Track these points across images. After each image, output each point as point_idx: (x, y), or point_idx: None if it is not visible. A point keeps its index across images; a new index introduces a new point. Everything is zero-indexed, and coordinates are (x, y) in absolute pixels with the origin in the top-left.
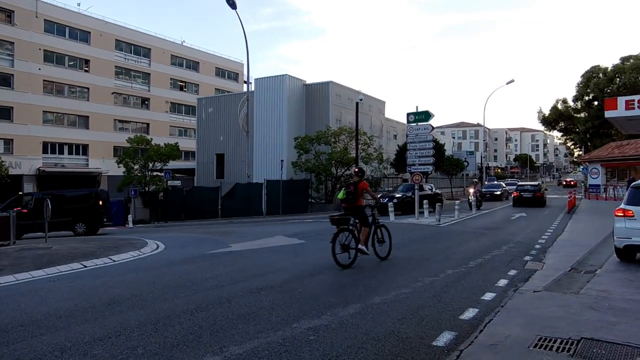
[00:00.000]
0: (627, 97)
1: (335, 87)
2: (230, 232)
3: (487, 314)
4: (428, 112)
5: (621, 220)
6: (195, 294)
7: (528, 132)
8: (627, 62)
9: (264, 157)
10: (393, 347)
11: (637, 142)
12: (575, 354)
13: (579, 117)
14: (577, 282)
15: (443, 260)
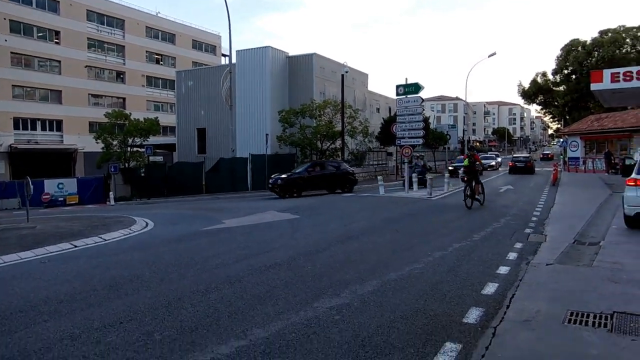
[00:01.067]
0: (612, 70)
1: (319, 59)
2: (219, 208)
3: (507, 289)
4: (418, 84)
5: (632, 189)
6: (202, 273)
7: (506, 105)
8: (605, 35)
9: (248, 131)
10: (424, 326)
11: (616, 115)
12: (613, 329)
13: (558, 91)
14: (585, 255)
15: (446, 234)
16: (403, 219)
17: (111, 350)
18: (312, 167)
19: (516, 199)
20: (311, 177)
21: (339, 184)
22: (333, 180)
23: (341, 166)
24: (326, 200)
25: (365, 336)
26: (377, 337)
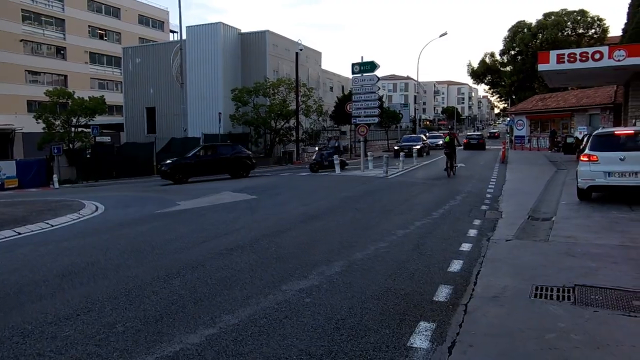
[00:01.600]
0: (558, 51)
1: (272, 36)
2: (174, 189)
3: (472, 265)
4: (374, 62)
5: (586, 165)
6: (161, 258)
7: (455, 85)
8: (549, 18)
9: (200, 110)
10: (396, 305)
11: (558, 95)
12: (576, 302)
13: (505, 71)
14: (540, 230)
15: (407, 212)
16: (362, 197)
17: (69, 345)
18: (202, 151)
19: (469, 176)
20: (200, 162)
21: (232, 169)
22: (226, 165)
23: (236, 150)
24: (283, 179)
25: (339, 318)
26: (351, 319)
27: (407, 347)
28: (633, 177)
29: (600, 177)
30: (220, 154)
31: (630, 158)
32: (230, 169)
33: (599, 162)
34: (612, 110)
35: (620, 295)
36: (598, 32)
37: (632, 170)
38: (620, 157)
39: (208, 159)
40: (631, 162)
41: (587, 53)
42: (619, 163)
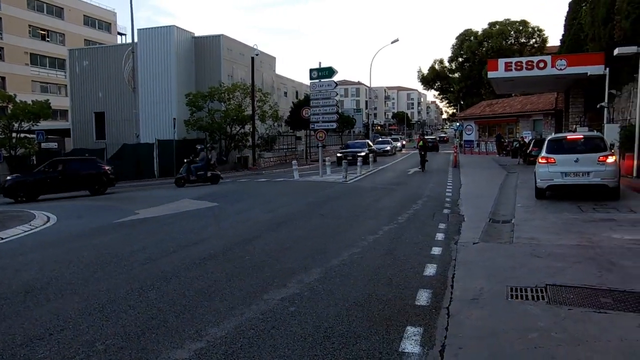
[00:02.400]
0: (506, 60)
1: (226, 40)
2: (126, 197)
3: (446, 269)
4: (331, 68)
5: (544, 166)
6: (131, 270)
7: (405, 90)
8: (494, 27)
9: (153, 116)
10: (381, 311)
11: (505, 101)
12: (551, 301)
13: (453, 77)
14: (503, 232)
15: (373, 217)
16: (326, 203)
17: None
18: (51, 167)
19: (426, 181)
20: (49, 177)
21: (87, 184)
22: (81, 181)
23: (92, 164)
24: (242, 185)
25: (327, 327)
26: (339, 327)
27: (399, 353)
28: (585, 177)
29: (558, 177)
30: (72, 169)
31: (583, 159)
32: (87, 185)
33: (556, 163)
34: (553, 115)
35: (588, 292)
36: (538, 42)
37: (585, 170)
38: (575, 159)
39: (58, 175)
40: (584, 163)
41: (533, 62)
42: (573, 164)
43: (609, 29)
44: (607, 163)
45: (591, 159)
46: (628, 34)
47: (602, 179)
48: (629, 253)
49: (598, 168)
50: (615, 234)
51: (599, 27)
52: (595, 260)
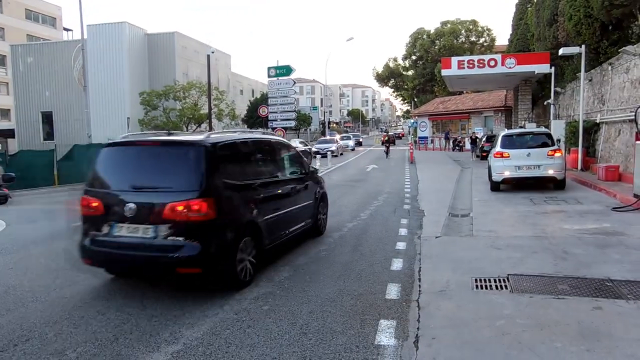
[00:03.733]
0: (459, 58)
1: (181, 38)
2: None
3: (412, 263)
4: (289, 66)
5: (499, 160)
6: (96, 275)
7: (359, 88)
8: (445, 26)
9: (106, 115)
10: (354, 306)
11: (457, 98)
12: (513, 290)
13: (407, 75)
14: (463, 226)
15: (336, 214)
16: None
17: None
18: None
19: (384, 177)
20: None
21: None
22: None
23: None
24: None
25: (302, 323)
26: (314, 323)
27: (375, 346)
28: (536, 170)
29: (512, 170)
30: None
31: (534, 154)
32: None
33: (510, 158)
34: (503, 112)
35: (547, 280)
36: (488, 41)
37: (536, 164)
38: (527, 153)
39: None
40: (535, 157)
41: (484, 60)
42: (526, 158)
43: (553, 29)
44: (555, 157)
45: (541, 153)
46: (571, 35)
47: (551, 172)
48: (580, 242)
49: (547, 162)
50: (566, 225)
51: (544, 28)
52: (550, 250)
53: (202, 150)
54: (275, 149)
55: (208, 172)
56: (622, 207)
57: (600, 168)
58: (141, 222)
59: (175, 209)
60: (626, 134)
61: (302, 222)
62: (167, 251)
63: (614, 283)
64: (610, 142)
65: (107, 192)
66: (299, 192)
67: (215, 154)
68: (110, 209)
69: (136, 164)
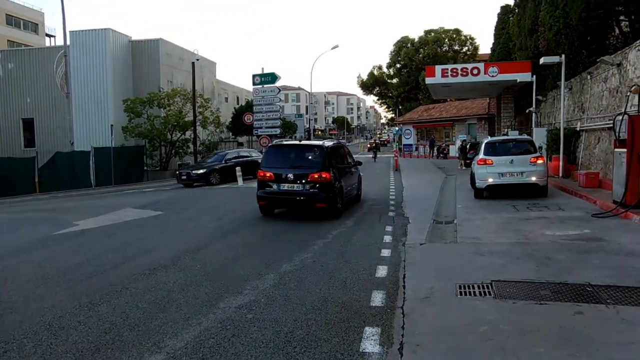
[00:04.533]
0: (442, 66)
1: (165, 45)
2: (63, 208)
3: (397, 270)
4: (274, 74)
5: (483, 167)
6: (76, 285)
7: (344, 95)
8: (429, 35)
9: (89, 122)
10: (338, 314)
11: (441, 106)
12: (497, 296)
13: (392, 83)
14: (447, 232)
15: (322, 222)
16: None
17: None
18: None
19: (369, 185)
20: None
21: None
22: None
23: None
24: (184, 193)
25: (287, 332)
26: (299, 331)
27: (360, 353)
28: (519, 176)
29: (496, 177)
30: None
31: (517, 160)
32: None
33: (494, 165)
34: (486, 120)
35: (529, 286)
36: (471, 50)
37: (519, 171)
38: (510, 160)
39: None
40: (518, 164)
41: (467, 68)
42: (509, 165)
43: (534, 39)
44: (538, 164)
45: (524, 160)
46: (551, 45)
47: (534, 179)
48: (561, 248)
49: (530, 168)
50: (548, 231)
51: (526, 38)
52: (533, 256)
53: (324, 149)
54: (345, 150)
55: (326, 160)
56: (602, 214)
57: (580, 175)
58: (296, 182)
59: (314, 176)
60: (605, 142)
61: (354, 190)
62: (310, 195)
63: (594, 288)
64: (590, 150)
65: (277, 168)
66: (353, 174)
67: (328, 151)
68: (278, 177)
69: (292, 155)
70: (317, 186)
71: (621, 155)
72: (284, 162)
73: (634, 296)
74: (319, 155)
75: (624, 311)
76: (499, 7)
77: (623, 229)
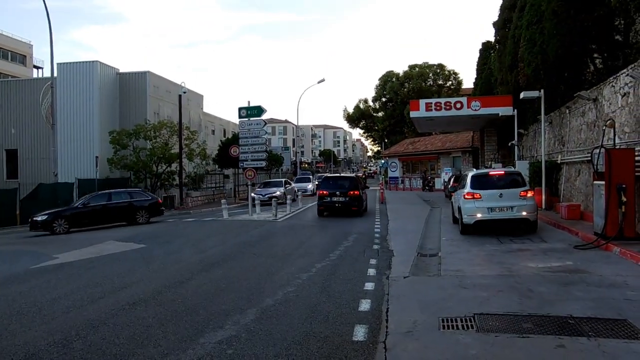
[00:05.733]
0: (426, 100)
1: (153, 77)
2: (44, 240)
3: (380, 303)
4: (260, 107)
5: (470, 202)
6: (52, 320)
7: (331, 129)
8: (414, 69)
9: (74, 154)
10: (320, 349)
11: (426, 139)
12: (479, 329)
13: (377, 116)
14: (431, 265)
15: (305, 255)
16: (258, 242)
17: None
18: None
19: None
20: None
21: None
22: None
23: None
24: (169, 226)
25: None
26: None
27: None
28: (509, 211)
29: (485, 212)
30: None
31: (507, 194)
32: None
33: (482, 199)
34: (470, 153)
35: (512, 319)
36: (454, 84)
37: (509, 205)
38: (499, 194)
39: None
40: (507, 198)
41: (451, 102)
42: (498, 199)
43: (514, 74)
44: (528, 197)
45: (513, 194)
46: (531, 80)
47: (524, 213)
48: (544, 280)
49: (520, 203)
50: (531, 263)
51: (506, 73)
52: (516, 288)
53: (354, 178)
54: (360, 178)
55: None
56: (584, 245)
57: (562, 207)
58: (341, 196)
59: (351, 192)
60: (585, 174)
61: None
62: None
63: (576, 320)
64: (571, 182)
65: (326, 189)
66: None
67: (359, 180)
68: (330, 193)
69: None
70: (353, 198)
71: (600, 188)
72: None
73: (615, 328)
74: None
75: (604, 344)
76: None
77: (604, 261)
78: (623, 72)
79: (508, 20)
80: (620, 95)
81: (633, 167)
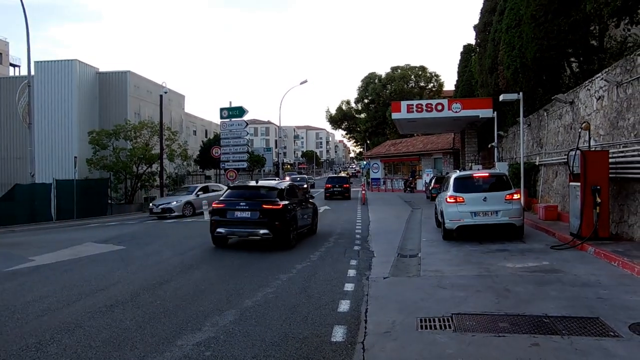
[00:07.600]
0: (408, 102)
1: (133, 77)
2: (18, 242)
3: (359, 304)
4: (242, 107)
5: (453, 206)
6: (26, 324)
7: (314, 130)
8: (396, 71)
9: (51, 154)
10: (298, 350)
11: (408, 141)
12: (456, 329)
13: (360, 118)
14: (411, 266)
15: (286, 256)
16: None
17: None
18: None
19: (336, 218)
20: None
21: None
22: None
23: None
24: (149, 227)
25: None
26: None
27: None
28: (494, 216)
29: (468, 217)
30: None
31: (491, 198)
32: None
33: (465, 203)
34: (451, 154)
35: (488, 319)
36: (436, 86)
37: (493, 209)
38: (483, 197)
39: None
40: (492, 202)
41: (432, 104)
42: (482, 203)
43: (494, 77)
44: (514, 201)
45: (498, 198)
46: (510, 82)
47: (510, 218)
48: (520, 280)
49: (505, 207)
50: (508, 263)
51: (486, 75)
52: (493, 288)
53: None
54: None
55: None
56: (560, 246)
57: (540, 208)
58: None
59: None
60: (562, 176)
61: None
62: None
63: (550, 319)
64: (549, 183)
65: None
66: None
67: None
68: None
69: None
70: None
71: (576, 189)
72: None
73: (587, 326)
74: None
75: (577, 341)
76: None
77: (579, 261)
78: (598, 76)
79: (488, 24)
80: (596, 98)
81: (607, 169)
